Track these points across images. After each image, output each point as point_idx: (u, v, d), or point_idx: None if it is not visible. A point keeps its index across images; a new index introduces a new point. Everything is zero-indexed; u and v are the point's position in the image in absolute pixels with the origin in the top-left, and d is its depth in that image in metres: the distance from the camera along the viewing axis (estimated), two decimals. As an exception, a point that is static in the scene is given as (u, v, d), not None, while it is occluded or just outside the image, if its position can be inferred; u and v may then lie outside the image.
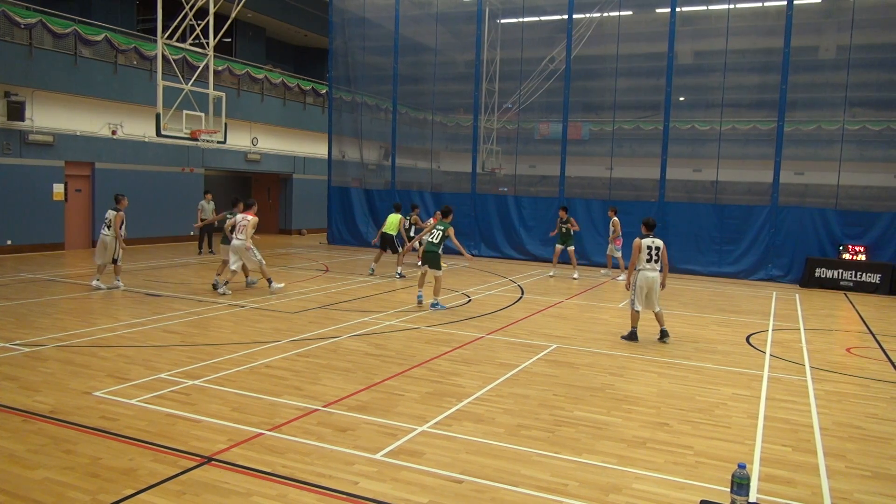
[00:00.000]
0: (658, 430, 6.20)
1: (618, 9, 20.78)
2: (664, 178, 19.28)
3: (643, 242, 9.94)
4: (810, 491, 5.05)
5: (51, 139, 18.82)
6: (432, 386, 7.35)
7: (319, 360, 8.32)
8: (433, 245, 11.95)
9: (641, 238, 9.99)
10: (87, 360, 7.93)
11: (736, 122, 21.77)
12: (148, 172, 21.77)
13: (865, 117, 20.42)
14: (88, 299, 11.96)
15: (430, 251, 11.97)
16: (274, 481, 4.86)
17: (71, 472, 4.89)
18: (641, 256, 9.93)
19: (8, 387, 6.81)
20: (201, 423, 5.97)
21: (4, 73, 17.54)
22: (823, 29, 21.10)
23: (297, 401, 6.67)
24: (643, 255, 9.93)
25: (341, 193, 24.05)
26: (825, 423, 6.59)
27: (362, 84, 24.36)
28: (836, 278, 16.96)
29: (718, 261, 18.66)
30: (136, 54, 20.95)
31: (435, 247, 11.94)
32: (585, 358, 8.91)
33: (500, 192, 22.59)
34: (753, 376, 8.31)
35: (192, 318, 10.53)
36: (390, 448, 5.52)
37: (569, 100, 20.42)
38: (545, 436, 5.96)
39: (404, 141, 24.15)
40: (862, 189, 20.25)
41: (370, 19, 24.10)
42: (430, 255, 11.95)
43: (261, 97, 26.09)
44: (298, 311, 11.37)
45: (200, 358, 8.16)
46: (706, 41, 21.58)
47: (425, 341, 9.48)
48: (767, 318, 12.47)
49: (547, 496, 4.77)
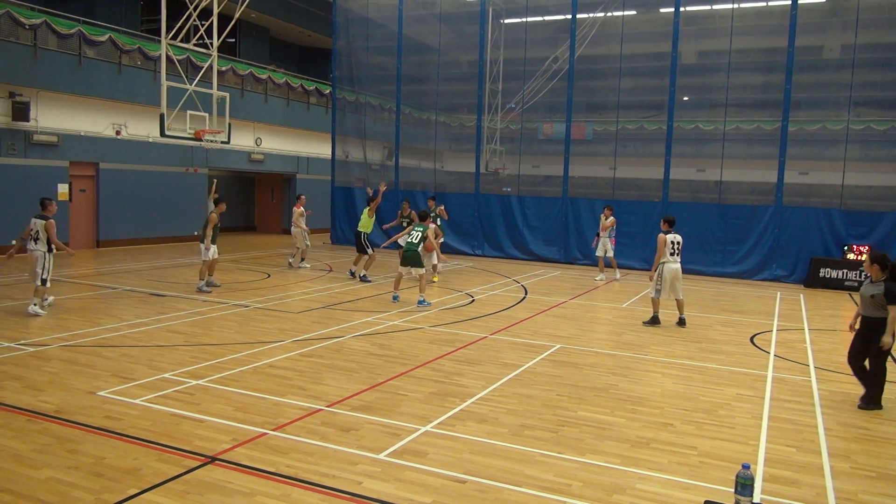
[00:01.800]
0: (662, 431, 6.19)
1: (621, 8, 20.73)
2: (668, 178, 19.25)
3: (668, 238, 10.98)
4: (814, 492, 5.03)
5: (55, 139, 18.87)
6: (436, 386, 7.35)
7: (323, 359, 8.32)
8: (413, 245, 12.32)
9: (665, 234, 11.00)
10: (91, 359, 7.95)
11: (740, 122, 21.69)
12: (152, 172, 21.81)
13: (870, 117, 20.32)
14: (92, 299, 11.99)
15: (411, 251, 12.32)
16: (277, 481, 4.87)
17: (75, 472, 4.91)
18: (666, 250, 10.95)
19: (13, 386, 6.84)
20: (205, 422, 5.98)
21: (9, 73, 17.59)
22: (828, 28, 21.02)
23: (301, 401, 6.67)
24: (668, 248, 10.97)
25: (345, 193, 24.06)
26: (829, 424, 6.58)
27: (366, 84, 24.35)
28: (840, 278, 16.91)
29: (722, 261, 18.62)
30: (140, 55, 21.00)
31: (415, 247, 12.33)
32: (589, 358, 8.91)
33: (503, 192, 22.56)
34: (757, 377, 8.29)
35: (196, 318, 10.54)
36: (394, 448, 5.52)
37: (572, 100, 20.39)
38: (549, 436, 5.95)
39: (408, 141, 24.14)
40: (866, 189, 20.17)
41: (374, 19, 24.09)
42: (412, 255, 12.32)
43: (264, 97, 26.12)
44: (302, 311, 11.38)
45: (204, 358, 8.17)
46: (710, 41, 21.52)
47: (429, 341, 9.49)
48: (772, 319, 12.44)
49: (550, 496, 4.77)
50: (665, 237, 10.97)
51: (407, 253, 12.37)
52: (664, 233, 11.04)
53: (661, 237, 11.02)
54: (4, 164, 17.74)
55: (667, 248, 10.96)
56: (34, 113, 18.30)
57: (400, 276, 12.76)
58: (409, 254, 12.35)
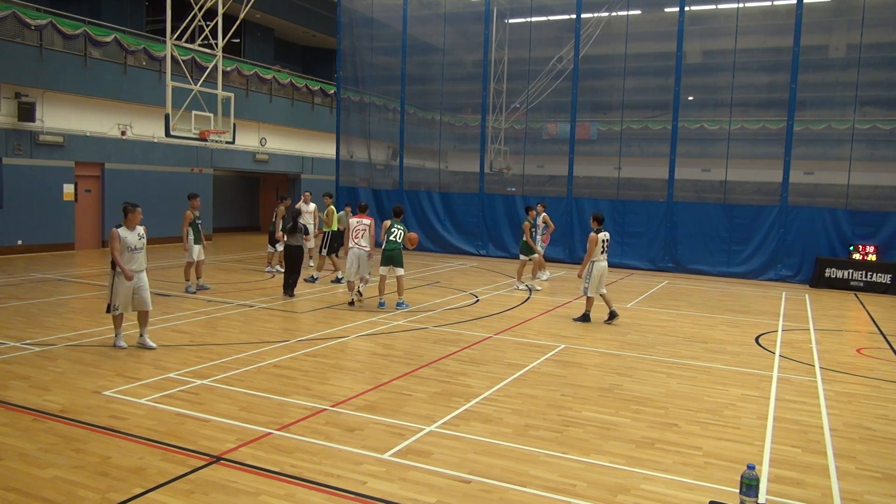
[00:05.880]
0: (666, 431, 6.18)
1: (626, 8, 20.70)
2: (673, 177, 19.22)
3: (599, 236, 10.97)
4: (820, 492, 5.02)
5: (61, 140, 18.94)
6: (440, 386, 7.35)
7: (328, 359, 8.33)
8: (395, 244, 11.75)
9: (596, 232, 10.99)
10: (96, 359, 7.97)
11: (745, 122, 21.64)
12: (157, 173, 21.87)
13: (876, 116, 20.24)
14: (98, 299, 12.02)
15: (393, 250, 11.72)
16: (282, 481, 4.87)
17: (81, 471, 4.92)
18: (597, 249, 10.95)
19: (19, 386, 6.86)
20: (210, 422, 5.99)
21: (15, 74, 17.66)
22: (833, 27, 20.96)
23: (306, 400, 6.68)
24: (599, 247, 10.97)
25: (349, 194, 24.08)
26: (835, 425, 6.55)
27: (370, 84, 24.38)
28: (846, 278, 16.85)
29: (727, 261, 18.58)
30: (146, 55, 21.06)
31: (398, 245, 11.76)
32: (593, 358, 8.89)
33: (507, 192, 22.55)
34: (763, 377, 8.27)
35: (201, 318, 10.57)
36: (398, 448, 5.52)
37: (577, 99, 20.37)
38: (553, 436, 5.95)
39: (412, 141, 24.15)
40: (872, 189, 20.08)
41: (378, 19, 24.11)
42: (396, 254, 11.72)
43: (269, 97, 26.17)
44: (307, 311, 11.39)
45: (209, 357, 8.19)
46: (715, 40, 21.46)
47: (433, 341, 9.49)
48: (777, 319, 12.40)
49: (555, 496, 4.76)
50: (597, 236, 10.93)
51: (390, 252, 11.72)
52: (595, 231, 10.99)
53: (592, 236, 10.96)
54: (10, 164, 17.81)
55: (598, 247, 10.94)
56: (40, 113, 18.38)
57: (384, 279, 11.96)
58: (391, 253, 11.70)
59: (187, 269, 12.91)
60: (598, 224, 11.09)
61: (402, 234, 11.86)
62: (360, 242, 12.04)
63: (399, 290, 11.99)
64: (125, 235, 8.28)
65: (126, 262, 8.26)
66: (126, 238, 8.28)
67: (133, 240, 8.34)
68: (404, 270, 12.08)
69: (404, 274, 12.11)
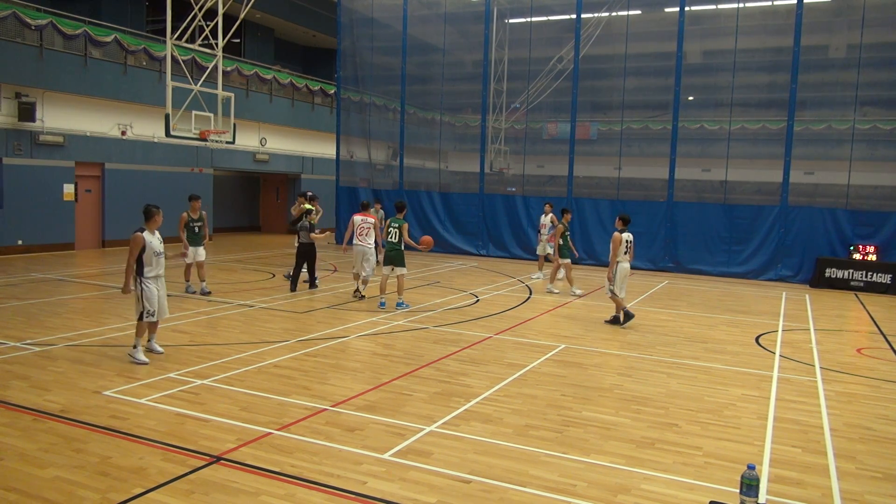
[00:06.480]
0: (667, 431, 6.18)
1: (626, 8, 20.71)
2: (673, 177, 19.22)
3: (623, 237, 10.78)
4: (820, 492, 5.02)
5: (61, 140, 18.94)
6: (440, 386, 7.35)
7: (328, 359, 8.33)
8: (395, 244, 11.69)
9: (620, 233, 10.79)
10: (96, 359, 7.97)
11: (745, 122, 21.65)
12: (157, 173, 21.87)
13: (876, 116, 20.25)
14: (98, 299, 12.02)
15: (394, 250, 11.68)
16: (282, 481, 4.88)
17: (81, 471, 4.92)
18: (621, 249, 10.74)
19: (19, 386, 6.86)
20: (210, 422, 6.00)
21: (15, 74, 17.66)
22: (833, 28, 20.96)
23: (306, 400, 6.68)
24: (622, 248, 10.76)
25: (349, 194, 24.08)
26: (835, 425, 6.55)
27: (370, 84, 24.38)
28: (846, 278, 16.85)
29: (727, 261, 18.58)
30: (146, 55, 21.05)
31: (397, 245, 11.70)
32: (594, 358, 8.90)
33: (508, 192, 22.56)
34: (763, 377, 8.27)
35: (201, 318, 10.57)
36: (398, 448, 5.52)
37: (577, 99, 20.37)
38: (553, 436, 5.95)
39: (412, 141, 24.16)
40: (873, 189, 20.09)
41: (378, 20, 24.11)
42: (396, 254, 11.68)
43: (269, 97, 26.16)
44: (307, 311, 11.39)
45: (209, 357, 8.19)
46: (715, 40, 21.47)
47: (433, 341, 9.49)
48: (777, 319, 12.40)
49: (555, 496, 4.76)
50: (621, 236, 10.73)
51: (390, 252, 11.70)
52: (620, 231, 10.78)
53: (616, 236, 10.75)
54: (11, 164, 17.81)
55: (622, 247, 10.74)
56: (40, 113, 18.37)
57: (385, 278, 11.96)
58: (392, 253, 11.68)
59: (187, 270, 12.93)
60: (624, 224, 10.86)
61: (399, 233, 11.71)
62: (365, 240, 12.38)
63: (399, 290, 11.96)
64: (150, 240, 7.83)
65: (154, 268, 7.88)
66: (151, 243, 7.84)
67: (157, 244, 7.93)
68: (406, 270, 12.07)
69: (406, 273, 12.10)
